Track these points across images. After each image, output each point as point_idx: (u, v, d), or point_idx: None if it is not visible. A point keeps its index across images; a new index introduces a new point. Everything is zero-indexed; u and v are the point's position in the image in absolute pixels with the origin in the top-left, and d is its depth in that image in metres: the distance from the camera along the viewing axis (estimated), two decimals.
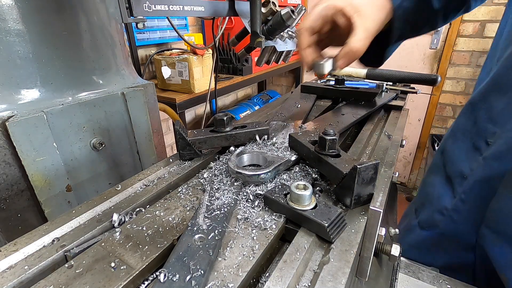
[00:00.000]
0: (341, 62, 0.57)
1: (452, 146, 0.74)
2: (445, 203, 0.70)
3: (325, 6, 0.56)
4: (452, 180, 0.70)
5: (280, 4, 0.75)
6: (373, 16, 0.56)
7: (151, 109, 0.94)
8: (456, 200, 0.68)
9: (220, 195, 0.45)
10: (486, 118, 0.64)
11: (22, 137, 0.64)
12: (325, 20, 0.57)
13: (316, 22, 0.57)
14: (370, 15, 0.55)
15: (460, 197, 0.67)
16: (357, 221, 0.41)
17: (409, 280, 0.60)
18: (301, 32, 0.58)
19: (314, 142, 0.53)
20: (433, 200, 0.75)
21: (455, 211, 0.68)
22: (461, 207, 0.67)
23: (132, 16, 0.66)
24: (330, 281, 0.32)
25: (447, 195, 0.71)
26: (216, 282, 0.32)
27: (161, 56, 2.16)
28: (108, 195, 0.48)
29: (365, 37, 0.54)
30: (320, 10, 0.57)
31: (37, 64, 0.68)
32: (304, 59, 0.60)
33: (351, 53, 0.55)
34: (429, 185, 0.79)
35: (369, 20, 0.55)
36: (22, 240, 0.38)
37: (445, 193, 0.71)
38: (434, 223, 0.72)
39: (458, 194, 0.67)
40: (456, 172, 0.69)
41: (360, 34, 0.54)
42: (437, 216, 0.71)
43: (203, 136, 0.58)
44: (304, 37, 0.58)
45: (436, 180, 0.77)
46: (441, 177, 0.75)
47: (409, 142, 3.30)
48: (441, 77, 1.44)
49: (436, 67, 2.92)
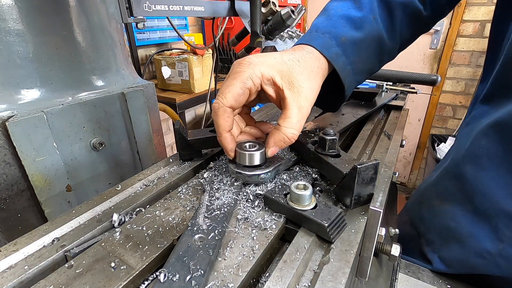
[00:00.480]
0: (273, 150, 0.47)
1: (477, 175, 0.60)
2: (484, 245, 0.58)
3: (250, 73, 0.44)
4: (492, 219, 0.57)
5: (280, 4, 0.75)
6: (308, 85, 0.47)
7: (151, 109, 0.94)
8: (504, 244, 0.56)
9: (220, 195, 0.45)
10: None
11: (22, 137, 0.64)
12: (250, 92, 0.46)
13: (238, 99, 0.45)
14: (303, 86, 0.46)
15: (509, 242, 0.55)
16: (357, 221, 0.41)
17: (409, 280, 0.60)
18: (218, 112, 0.44)
19: (314, 142, 0.53)
20: (462, 238, 0.62)
21: (502, 256, 0.56)
22: (510, 253, 0.55)
23: (132, 16, 0.66)
24: (330, 281, 0.32)
25: (485, 236, 0.58)
26: (216, 282, 0.32)
27: (161, 56, 2.16)
28: (108, 195, 0.48)
29: (300, 118, 0.46)
30: (244, 81, 0.44)
31: (37, 64, 0.68)
32: (224, 144, 0.47)
33: (285, 140, 0.46)
34: (447, 218, 0.66)
35: (302, 94, 0.46)
36: (22, 240, 0.38)
37: (481, 233, 0.59)
38: (470, 265, 0.60)
39: (507, 238, 0.55)
40: (495, 209, 0.57)
41: (294, 117, 0.45)
42: (475, 259, 0.59)
43: (203, 136, 0.58)
44: (223, 118, 0.45)
45: (458, 214, 0.63)
46: (467, 212, 0.62)
47: (409, 142, 3.31)
48: (441, 77, 1.44)
49: (436, 67, 2.92)
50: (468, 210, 0.61)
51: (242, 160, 0.48)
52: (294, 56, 0.49)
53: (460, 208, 0.63)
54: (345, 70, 0.54)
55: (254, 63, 0.45)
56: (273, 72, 0.45)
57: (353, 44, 0.54)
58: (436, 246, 0.67)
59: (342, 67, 0.53)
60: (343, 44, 0.53)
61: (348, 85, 0.57)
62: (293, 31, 0.84)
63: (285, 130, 0.46)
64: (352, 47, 0.54)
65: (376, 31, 0.57)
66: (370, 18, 0.57)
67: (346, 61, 0.54)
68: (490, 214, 0.57)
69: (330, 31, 0.54)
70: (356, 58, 0.55)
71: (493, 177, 0.57)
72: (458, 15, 2.70)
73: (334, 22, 0.56)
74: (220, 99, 0.44)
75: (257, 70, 0.45)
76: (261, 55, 0.47)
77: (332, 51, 0.52)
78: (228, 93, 0.44)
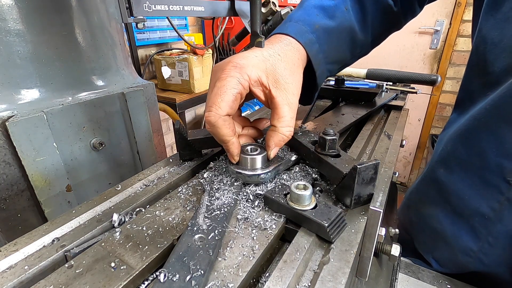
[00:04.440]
0: (274, 151, 0.48)
1: (449, 178, 0.64)
2: (468, 244, 0.61)
3: (238, 78, 0.43)
4: (469, 219, 0.61)
5: (280, 4, 0.75)
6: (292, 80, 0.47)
7: (151, 109, 0.94)
8: (482, 242, 0.59)
9: (220, 195, 0.45)
10: (497, 153, 0.54)
11: (22, 137, 0.64)
12: (241, 96, 0.45)
13: (233, 106, 0.44)
14: (288, 82, 0.47)
15: (487, 240, 0.58)
16: (357, 221, 0.41)
17: (409, 280, 0.60)
18: (218, 124, 0.43)
19: (314, 142, 0.53)
20: (446, 238, 0.65)
21: (484, 254, 0.59)
22: (491, 251, 0.58)
23: (132, 16, 0.66)
24: (330, 281, 0.32)
25: (467, 235, 0.61)
26: (216, 282, 0.32)
27: (161, 56, 2.16)
28: (108, 195, 0.48)
29: (293, 115, 0.47)
30: (234, 87, 0.43)
31: (37, 64, 0.68)
32: (231, 150, 0.47)
33: (284, 139, 0.48)
34: (432, 220, 0.68)
35: (289, 90, 0.47)
36: (22, 240, 0.38)
37: (462, 233, 0.62)
38: (460, 264, 0.63)
39: (484, 236, 0.58)
40: (469, 210, 0.60)
41: (287, 115, 0.46)
42: (463, 257, 0.62)
43: (203, 136, 0.58)
44: (225, 127, 0.44)
45: (440, 216, 0.66)
46: (447, 213, 0.65)
47: (409, 142, 3.30)
48: (441, 77, 1.44)
49: (436, 67, 2.92)
50: (448, 212, 0.64)
51: (244, 164, 0.48)
52: (274, 50, 0.48)
53: (440, 210, 0.66)
54: (317, 57, 0.54)
55: (239, 66, 0.44)
56: (259, 73, 0.45)
57: (326, 32, 0.55)
58: (429, 247, 0.70)
59: (315, 55, 0.53)
60: (316, 31, 0.54)
61: (320, 73, 0.57)
62: None
63: (282, 130, 0.47)
64: (325, 35, 0.55)
65: (348, 21, 0.58)
66: (342, 8, 0.58)
67: (319, 48, 0.54)
68: (467, 214, 0.60)
69: (304, 19, 0.54)
70: (328, 47, 0.56)
71: (462, 180, 0.61)
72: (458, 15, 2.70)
73: (308, 11, 0.56)
74: (215, 110, 0.42)
75: (244, 73, 0.44)
76: (243, 56, 0.46)
77: (306, 37, 0.52)
78: (222, 102, 0.42)
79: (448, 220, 0.64)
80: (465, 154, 0.60)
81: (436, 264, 0.68)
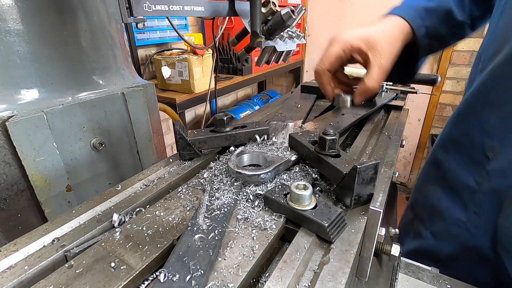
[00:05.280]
0: (359, 98, 0.63)
1: (445, 157, 0.73)
2: (458, 215, 0.68)
3: (342, 46, 0.59)
4: (460, 193, 0.69)
5: (280, 4, 0.74)
6: (388, 50, 0.59)
7: (151, 109, 0.94)
8: (469, 213, 0.66)
9: (220, 195, 0.45)
10: (480, 132, 0.63)
11: (22, 137, 0.64)
12: (342, 59, 0.61)
13: (334, 64, 0.61)
14: (385, 50, 0.58)
15: (473, 210, 0.65)
16: (357, 221, 0.41)
17: (409, 280, 0.60)
18: (320, 73, 0.63)
19: (314, 142, 0.53)
20: (443, 212, 0.72)
21: (471, 223, 0.66)
22: (476, 221, 0.65)
23: (132, 16, 0.66)
24: (330, 281, 0.32)
25: (457, 208, 0.69)
26: (216, 282, 0.32)
27: (161, 56, 2.15)
28: (108, 195, 0.48)
29: (380, 74, 0.58)
30: (337, 51, 0.60)
31: (37, 64, 0.68)
32: (327, 94, 0.66)
33: (368, 91, 0.60)
34: (432, 197, 0.77)
35: (383, 56, 0.58)
36: (22, 240, 0.38)
37: (455, 206, 0.70)
38: (452, 235, 0.70)
39: (470, 208, 0.66)
40: (460, 184, 0.68)
41: (375, 73, 0.58)
42: (454, 228, 0.69)
43: (203, 136, 0.58)
44: (325, 77, 0.64)
45: (438, 192, 0.74)
46: (444, 189, 0.73)
47: (409, 142, 3.30)
48: (441, 77, 1.44)
49: (436, 67, 2.92)
50: (444, 188, 0.73)
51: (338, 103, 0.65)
52: (380, 27, 0.61)
53: (438, 187, 0.75)
54: (421, 31, 0.63)
55: (345, 37, 0.60)
56: (360, 43, 0.58)
57: (426, 11, 0.64)
58: (427, 223, 0.78)
59: (418, 28, 0.62)
60: (418, 9, 0.64)
61: (422, 47, 0.64)
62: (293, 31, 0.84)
63: (367, 82, 0.59)
64: (426, 13, 0.64)
65: (445, 2, 0.66)
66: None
67: (421, 23, 0.63)
68: (458, 189, 0.69)
69: (408, 4, 0.67)
70: (429, 23, 0.64)
71: (455, 158, 0.71)
72: None
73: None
74: (320, 65, 0.62)
75: (347, 42, 0.59)
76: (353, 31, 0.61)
77: (411, 15, 0.63)
78: (326, 60, 0.61)
79: (444, 195, 0.73)
80: (457, 134, 0.71)
81: (431, 237, 0.75)
